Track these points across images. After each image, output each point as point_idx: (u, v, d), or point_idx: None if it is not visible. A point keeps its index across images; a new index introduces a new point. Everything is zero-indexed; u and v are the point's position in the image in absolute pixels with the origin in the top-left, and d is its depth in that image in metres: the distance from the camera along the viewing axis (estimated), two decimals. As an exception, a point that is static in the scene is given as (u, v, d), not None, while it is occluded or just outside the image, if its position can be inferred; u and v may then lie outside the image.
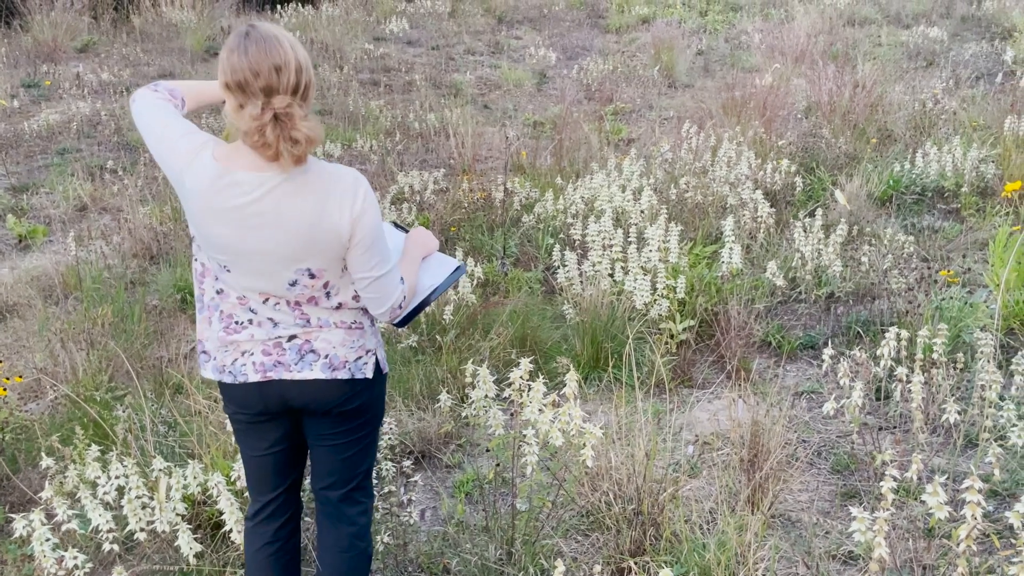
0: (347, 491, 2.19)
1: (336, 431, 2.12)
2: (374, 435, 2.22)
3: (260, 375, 2.01)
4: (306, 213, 1.87)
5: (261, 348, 2.00)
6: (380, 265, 1.97)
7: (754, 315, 4.16)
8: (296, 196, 1.86)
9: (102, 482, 2.67)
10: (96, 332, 4.33)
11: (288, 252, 1.89)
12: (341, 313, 2.03)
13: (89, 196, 6.76)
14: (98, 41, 11.48)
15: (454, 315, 4.16)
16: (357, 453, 2.17)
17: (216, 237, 1.91)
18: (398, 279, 2.03)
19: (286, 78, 1.78)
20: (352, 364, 2.05)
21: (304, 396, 2.05)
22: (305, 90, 1.83)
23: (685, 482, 2.96)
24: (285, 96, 1.78)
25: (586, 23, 13.96)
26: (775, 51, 10.30)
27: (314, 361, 2.01)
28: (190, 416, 3.30)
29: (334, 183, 1.89)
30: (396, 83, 10.57)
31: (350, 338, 2.04)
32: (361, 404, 2.10)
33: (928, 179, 5.96)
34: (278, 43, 1.78)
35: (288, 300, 1.98)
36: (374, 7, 14.13)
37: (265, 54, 1.77)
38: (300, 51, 1.83)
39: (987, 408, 2.80)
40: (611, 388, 3.73)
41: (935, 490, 2.06)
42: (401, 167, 7.23)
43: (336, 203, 1.88)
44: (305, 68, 1.82)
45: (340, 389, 2.05)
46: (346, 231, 1.89)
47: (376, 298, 2.00)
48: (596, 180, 5.62)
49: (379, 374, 2.13)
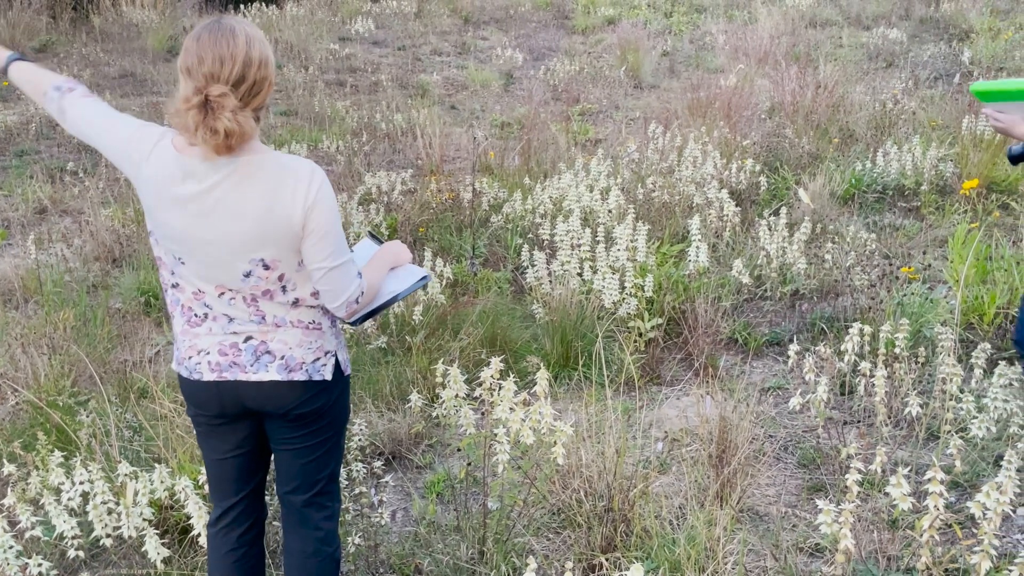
0: (311, 496, 2.16)
1: (296, 435, 2.09)
2: (338, 439, 2.18)
3: (216, 375, 2.00)
4: (258, 201, 1.86)
5: (218, 348, 1.99)
6: (334, 255, 1.93)
7: (721, 313, 4.21)
8: (249, 184, 1.86)
9: (66, 488, 2.63)
10: (58, 336, 4.25)
11: (241, 241, 1.88)
12: (299, 311, 2.00)
13: (49, 198, 6.63)
14: (57, 41, 11.27)
15: (423, 315, 4.15)
16: (320, 457, 2.13)
17: (171, 227, 1.92)
18: (354, 273, 1.99)
19: (229, 68, 1.78)
20: (309, 366, 2.01)
21: (260, 398, 2.02)
22: (252, 86, 1.82)
23: (655, 478, 2.98)
24: (223, 86, 1.78)
25: (552, 24, 14.00)
26: (739, 52, 10.43)
27: (270, 362, 1.99)
28: (156, 420, 3.26)
29: (288, 172, 1.88)
30: (362, 83, 10.51)
31: (307, 339, 2.01)
32: (320, 407, 2.07)
33: (889, 178, 6.07)
34: (232, 35, 1.80)
35: (244, 295, 1.95)
36: (339, 7, 14.05)
37: (215, 43, 1.79)
38: (258, 48, 1.82)
39: (948, 401, 2.86)
40: (581, 387, 3.75)
41: (899, 482, 2.11)
42: (368, 168, 7.20)
43: (289, 191, 1.86)
44: (257, 64, 1.81)
45: (297, 391, 2.02)
46: (298, 219, 1.87)
47: (331, 290, 1.96)
48: (564, 180, 5.64)
49: (340, 376, 2.09)
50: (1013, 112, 2.46)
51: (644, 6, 14.32)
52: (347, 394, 2.18)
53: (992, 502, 2.04)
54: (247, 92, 1.82)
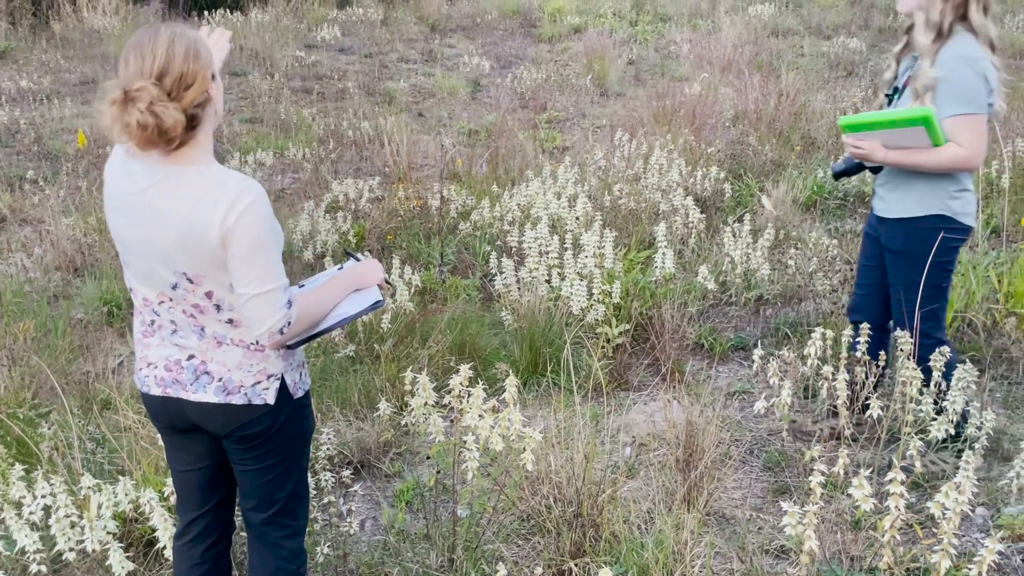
0: (270, 515, 2.12)
1: (246, 456, 2.05)
2: (294, 460, 2.12)
3: (160, 390, 2.00)
4: (180, 212, 1.83)
5: (164, 363, 1.99)
6: (258, 282, 1.85)
7: (687, 318, 4.25)
8: (175, 192, 1.84)
9: (27, 502, 2.58)
10: (17, 348, 4.18)
11: (162, 249, 1.86)
12: (239, 331, 1.94)
13: (8, 207, 6.51)
14: (16, 47, 11.08)
15: (392, 323, 4.14)
16: (275, 478, 2.09)
17: (114, 228, 1.95)
18: (281, 302, 1.88)
19: (150, 63, 1.77)
20: (249, 389, 1.96)
21: (201, 417, 2.00)
22: (180, 78, 1.78)
23: (623, 483, 3.01)
24: (143, 80, 1.76)
25: (519, 32, 14.06)
26: (703, 61, 10.55)
27: (208, 383, 1.95)
28: (119, 432, 3.21)
29: (213, 187, 1.83)
30: (329, 91, 10.46)
31: (248, 361, 1.95)
32: (264, 429, 2.00)
33: (850, 185, 6.18)
34: (155, 33, 1.80)
35: (182, 308, 1.93)
36: (305, 14, 13.97)
37: (139, 43, 1.80)
38: (184, 43, 1.80)
39: (908, 403, 2.92)
40: (550, 393, 3.76)
41: (860, 484, 2.15)
42: (335, 175, 7.16)
43: (210, 207, 1.80)
44: (183, 56, 1.78)
45: (236, 414, 1.97)
46: (215, 238, 1.81)
47: (252, 317, 1.88)
48: (532, 188, 5.66)
49: (288, 399, 2.02)
50: (872, 140, 2.82)
51: (610, 15, 14.43)
52: (302, 416, 2.10)
53: (951, 502, 2.09)
54: (175, 85, 1.78)
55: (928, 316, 2.94)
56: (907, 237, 2.93)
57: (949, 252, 2.91)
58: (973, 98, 2.72)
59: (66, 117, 8.70)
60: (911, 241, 2.92)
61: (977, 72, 2.72)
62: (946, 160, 2.75)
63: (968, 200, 2.90)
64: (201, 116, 1.86)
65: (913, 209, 2.89)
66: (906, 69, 2.98)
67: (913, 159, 2.80)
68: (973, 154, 2.74)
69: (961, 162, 2.75)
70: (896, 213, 2.95)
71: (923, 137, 2.73)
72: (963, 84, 2.72)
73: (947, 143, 2.74)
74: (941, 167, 2.78)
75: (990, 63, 2.76)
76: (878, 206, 3.05)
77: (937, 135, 2.72)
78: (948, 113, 2.74)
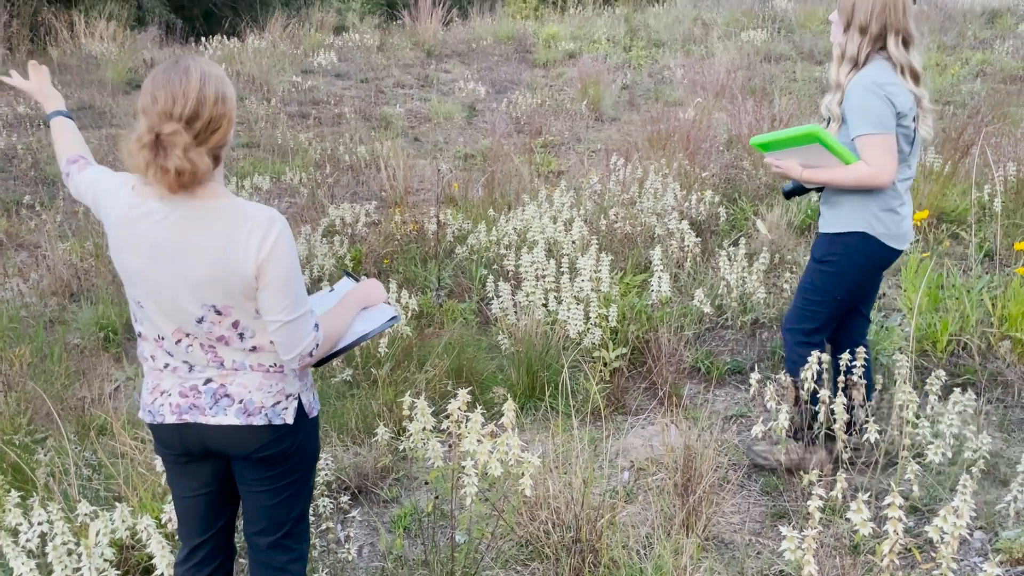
0: (277, 538, 2.13)
1: (261, 477, 2.06)
2: (304, 481, 2.15)
3: (176, 417, 1.99)
4: (209, 248, 1.85)
5: (178, 390, 1.99)
6: (290, 309, 1.90)
7: (684, 342, 4.26)
8: (202, 228, 1.85)
9: (24, 529, 2.57)
10: (13, 373, 4.17)
11: (193, 285, 1.88)
12: (259, 355, 1.98)
13: (4, 232, 6.52)
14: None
15: (389, 348, 4.14)
16: (286, 499, 2.11)
17: (130, 268, 1.94)
18: (310, 325, 1.95)
19: (182, 106, 1.79)
20: (269, 410, 1.99)
21: (220, 441, 2.01)
22: (208, 123, 1.81)
23: (622, 508, 3.00)
24: (175, 123, 1.78)
25: (514, 57, 14.18)
26: (697, 86, 10.64)
27: (228, 406, 1.97)
28: (115, 457, 3.20)
29: (243, 220, 1.86)
30: (325, 116, 10.53)
31: (268, 382, 1.99)
32: (283, 450, 2.04)
33: (844, 208, 6.22)
34: (186, 73, 1.81)
35: (201, 341, 1.94)
36: (301, 40, 14.08)
37: (168, 81, 1.80)
38: (214, 85, 1.82)
39: (905, 427, 2.93)
40: (547, 417, 3.76)
41: (859, 508, 2.15)
42: (332, 200, 7.20)
43: (243, 241, 1.84)
44: (213, 101, 1.81)
45: (257, 435, 2.00)
46: (251, 270, 1.85)
47: (284, 343, 1.93)
48: (528, 212, 5.69)
49: (304, 419, 2.07)
50: (789, 158, 2.99)
51: (604, 40, 14.58)
52: (314, 435, 2.15)
53: (949, 526, 2.09)
54: (203, 129, 1.81)
55: (812, 318, 3.15)
56: (827, 248, 3.09)
57: (863, 272, 3.09)
58: (877, 119, 2.85)
59: (63, 142, 8.72)
60: (829, 250, 3.08)
61: (879, 96, 2.85)
62: (853, 177, 2.91)
63: (895, 223, 3.01)
64: (222, 155, 1.90)
65: (840, 225, 3.04)
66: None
67: (825, 176, 2.97)
68: (879, 172, 2.87)
69: (867, 179, 2.89)
70: (826, 228, 3.10)
71: (829, 155, 2.89)
72: (867, 106, 2.86)
73: (857, 162, 2.90)
74: (850, 183, 2.93)
75: (900, 88, 2.90)
76: (820, 223, 3.21)
77: (841, 153, 2.88)
78: (855, 134, 2.90)
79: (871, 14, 2.87)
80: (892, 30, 2.89)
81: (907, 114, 2.90)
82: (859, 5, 2.89)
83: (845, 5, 2.94)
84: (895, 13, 2.87)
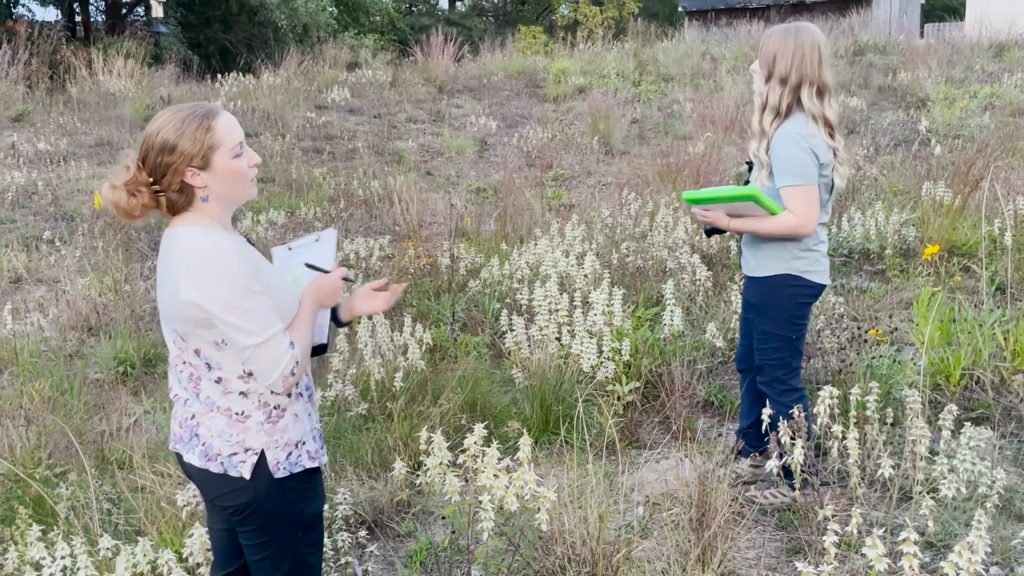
0: None
1: (239, 529, 2.04)
2: (284, 545, 2.03)
3: (173, 446, 2.07)
4: (164, 274, 1.95)
5: (178, 421, 2.05)
6: (253, 334, 1.85)
7: (696, 376, 4.29)
8: (164, 254, 1.97)
9: (47, 563, 2.60)
10: (33, 407, 4.22)
11: (162, 309, 1.98)
12: (228, 398, 1.95)
13: (24, 267, 6.62)
14: (33, 110, 11.35)
15: (404, 381, 4.18)
16: (266, 560, 2.03)
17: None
18: (284, 346, 1.89)
19: (141, 146, 1.94)
20: (226, 459, 1.95)
21: (193, 478, 2.07)
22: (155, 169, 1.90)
23: (637, 543, 3.01)
24: (133, 159, 1.94)
25: (524, 92, 14.36)
26: (706, 120, 10.75)
27: (196, 446, 1.98)
28: (135, 491, 3.24)
29: (176, 254, 1.91)
30: (339, 151, 10.67)
31: (230, 430, 1.95)
32: (242, 505, 1.97)
33: (854, 242, 6.26)
34: (156, 118, 1.94)
35: (189, 372, 1.98)
36: (315, 76, 14.31)
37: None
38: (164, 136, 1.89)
39: (919, 462, 2.94)
40: (561, 451, 3.78)
41: (874, 543, 2.16)
42: (346, 234, 7.28)
43: (176, 273, 1.88)
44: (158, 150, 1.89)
45: (214, 482, 1.97)
46: (187, 301, 1.85)
47: (259, 370, 1.89)
48: (540, 246, 5.75)
49: (267, 478, 1.95)
50: (716, 210, 3.18)
51: (613, 75, 14.75)
52: (293, 498, 2.02)
53: (964, 562, 2.10)
54: (151, 171, 1.91)
55: (781, 364, 3.27)
56: (761, 293, 3.24)
57: (798, 308, 3.22)
58: (802, 171, 2.99)
59: (82, 178, 8.88)
60: (764, 296, 3.23)
61: (803, 148, 2.99)
62: (779, 227, 3.06)
63: (815, 260, 3.17)
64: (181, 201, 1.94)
65: (765, 268, 3.19)
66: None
67: (752, 226, 3.13)
68: (804, 221, 3.02)
69: (792, 229, 3.04)
70: (753, 272, 3.26)
71: (757, 208, 3.05)
72: (792, 158, 3.00)
73: (783, 211, 3.04)
74: (775, 233, 3.09)
75: (820, 141, 3.04)
76: (743, 265, 3.35)
77: (770, 206, 3.03)
78: (781, 184, 3.04)
79: (791, 66, 3.01)
80: (807, 82, 3.02)
81: (827, 164, 3.05)
82: (779, 57, 3.03)
83: (767, 57, 3.07)
84: (810, 65, 3.00)
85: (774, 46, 3.04)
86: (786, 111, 3.06)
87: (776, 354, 3.26)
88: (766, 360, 3.28)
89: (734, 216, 3.15)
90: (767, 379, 3.30)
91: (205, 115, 1.91)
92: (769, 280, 3.19)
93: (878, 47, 15.35)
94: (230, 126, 1.94)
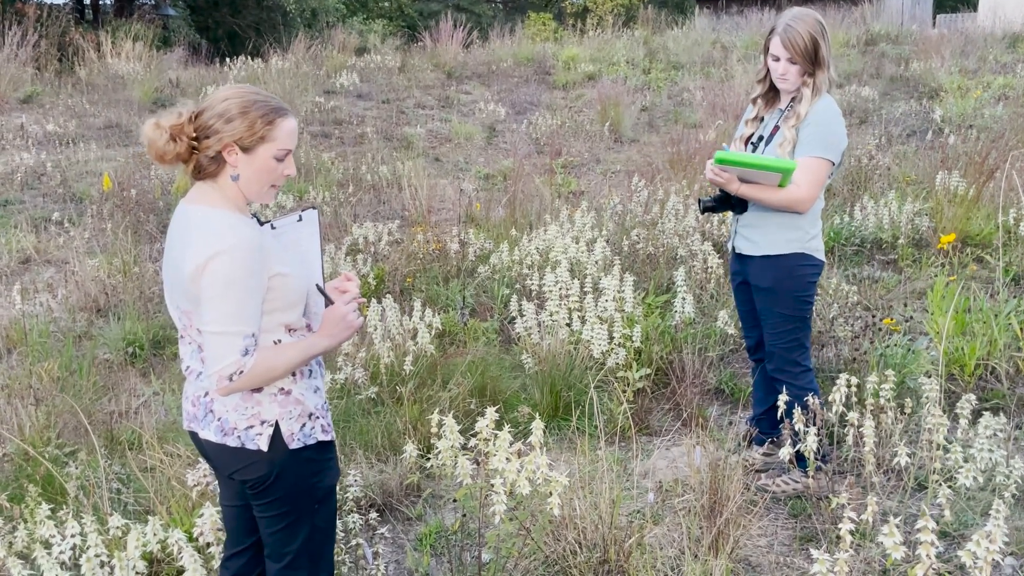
0: (281, 567, 2.09)
1: (255, 502, 2.05)
2: (300, 517, 2.06)
3: (186, 424, 2.08)
4: (175, 247, 1.94)
5: (191, 398, 2.05)
6: (218, 322, 1.85)
7: (707, 363, 4.26)
8: (177, 229, 1.96)
9: (56, 541, 2.60)
10: (43, 387, 4.22)
11: (169, 282, 1.98)
12: None
13: (33, 248, 6.62)
14: (42, 92, 11.33)
15: (414, 365, 4.17)
16: (282, 531, 2.06)
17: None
18: (236, 349, 1.86)
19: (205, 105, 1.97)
20: (242, 432, 1.96)
21: (209, 456, 2.07)
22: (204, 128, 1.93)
23: (649, 529, 2.99)
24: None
25: (533, 79, 14.28)
26: (716, 108, 10.68)
27: (211, 422, 1.99)
28: (145, 471, 3.23)
29: (197, 230, 1.90)
30: (348, 136, 10.64)
31: (244, 404, 1.96)
32: (262, 477, 1.99)
33: (867, 231, 6.21)
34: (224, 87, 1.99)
35: (194, 341, 1.99)
36: (324, 61, 14.26)
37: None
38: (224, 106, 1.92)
39: (935, 451, 2.91)
40: (572, 437, 3.76)
41: (891, 531, 2.14)
42: (355, 219, 7.26)
43: (192, 248, 1.87)
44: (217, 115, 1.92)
45: (231, 456, 1.99)
46: (189, 277, 1.86)
47: (206, 355, 1.90)
48: (550, 232, 5.72)
49: (283, 449, 1.98)
50: (732, 172, 3.08)
51: (623, 63, 14.66)
52: (308, 469, 2.05)
53: (982, 551, 2.08)
54: (199, 127, 1.92)
55: (797, 346, 3.25)
56: (774, 275, 3.19)
57: (809, 286, 3.22)
58: (835, 146, 3.05)
59: (91, 160, 8.87)
60: (777, 278, 3.19)
61: (843, 126, 3.10)
62: (782, 200, 3.06)
63: (820, 239, 3.22)
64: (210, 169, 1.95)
65: (776, 247, 3.16)
66: (772, 120, 3.24)
67: (756, 194, 3.10)
68: (806, 197, 3.04)
69: (793, 203, 3.05)
70: (761, 251, 3.20)
71: (774, 180, 3.04)
72: (833, 132, 3.05)
73: (789, 185, 3.04)
74: (776, 204, 3.08)
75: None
76: (741, 245, 3.30)
77: (785, 181, 3.03)
78: (810, 153, 3.04)
79: (828, 48, 3.07)
80: (831, 64, 3.09)
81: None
82: (820, 41, 3.04)
83: (804, 42, 3.03)
84: (830, 47, 3.10)
85: (809, 29, 3.03)
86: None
87: (792, 336, 3.23)
88: (781, 344, 3.25)
89: (745, 182, 3.11)
90: (782, 364, 3.26)
91: (275, 109, 1.94)
92: (783, 259, 3.15)
93: (890, 37, 15.23)
94: (290, 132, 1.97)
